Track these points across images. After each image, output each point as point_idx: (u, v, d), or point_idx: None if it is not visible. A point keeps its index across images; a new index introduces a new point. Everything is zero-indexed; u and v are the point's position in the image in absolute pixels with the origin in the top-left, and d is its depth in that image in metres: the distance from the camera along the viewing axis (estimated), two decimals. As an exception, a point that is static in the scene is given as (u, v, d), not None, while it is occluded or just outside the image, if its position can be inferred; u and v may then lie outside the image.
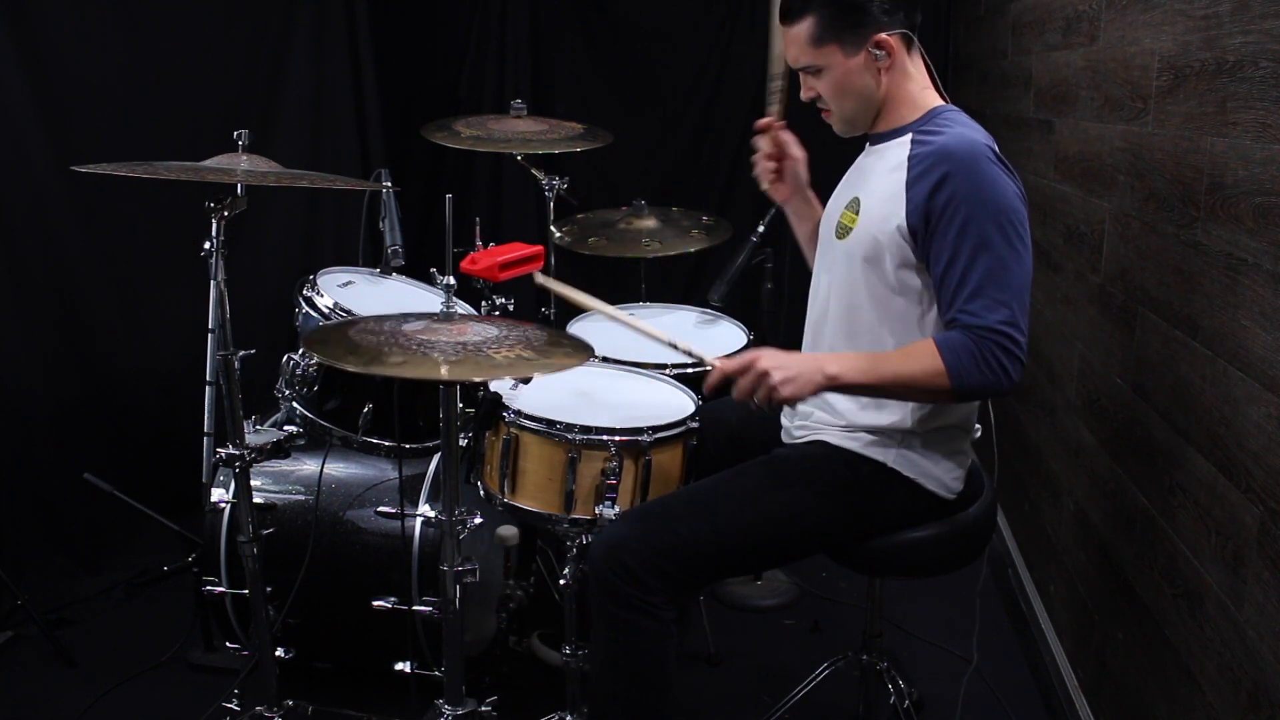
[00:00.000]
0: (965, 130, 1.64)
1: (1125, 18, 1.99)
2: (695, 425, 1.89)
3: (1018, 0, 2.95)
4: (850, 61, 1.68)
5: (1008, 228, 1.56)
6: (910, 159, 1.63)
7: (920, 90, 1.74)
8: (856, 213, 1.71)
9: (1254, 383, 1.38)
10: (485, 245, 2.24)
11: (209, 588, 2.18)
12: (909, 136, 1.68)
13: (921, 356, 1.57)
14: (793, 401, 1.62)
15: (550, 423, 1.81)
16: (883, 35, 1.66)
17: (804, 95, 1.76)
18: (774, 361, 1.58)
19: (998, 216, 1.56)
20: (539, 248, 2.24)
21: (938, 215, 1.58)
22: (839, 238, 1.75)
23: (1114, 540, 1.95)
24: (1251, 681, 1.36)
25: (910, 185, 1.61)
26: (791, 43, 1.71)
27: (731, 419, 2.00)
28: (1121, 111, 1.98)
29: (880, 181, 1.68)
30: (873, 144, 1.78)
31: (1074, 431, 2.26)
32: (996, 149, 1.63)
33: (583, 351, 1.69)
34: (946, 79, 3.96)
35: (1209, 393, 1.53)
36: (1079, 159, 2.29)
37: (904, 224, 1.61)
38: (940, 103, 1.74)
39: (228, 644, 2.30)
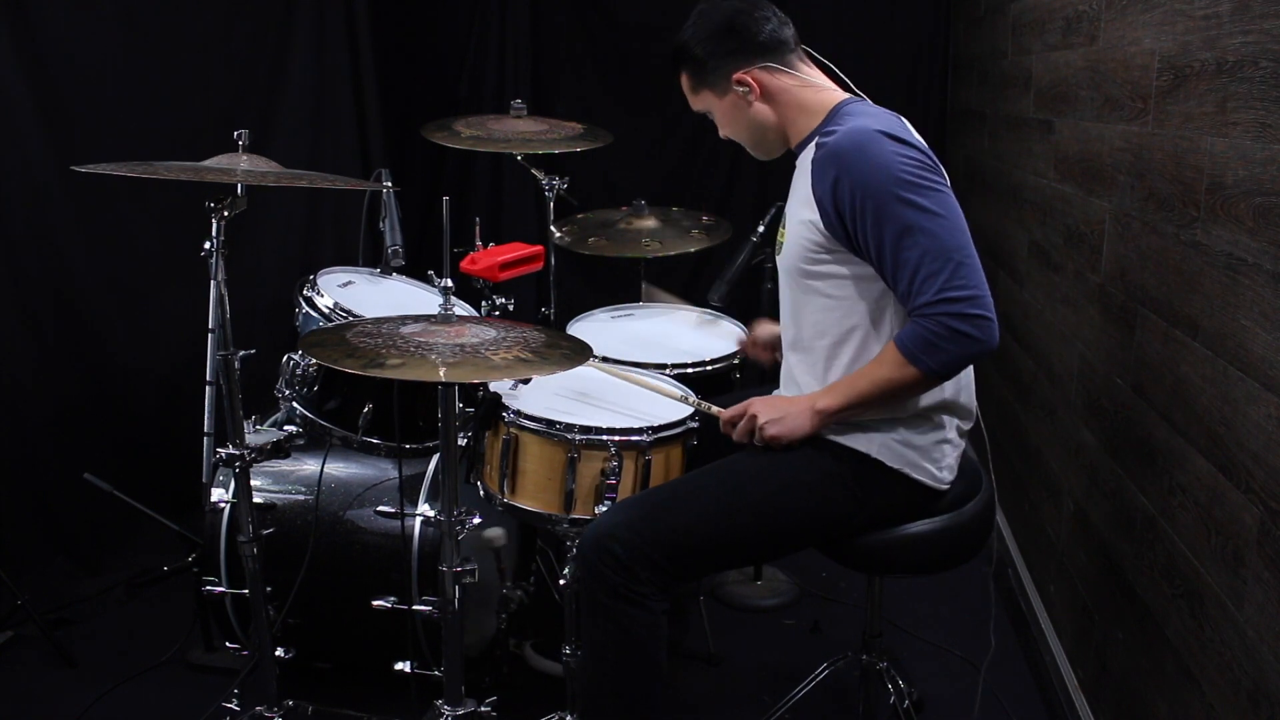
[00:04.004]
0: (856, 121, 1.66)
1: (1125, 18, 1.99)
2: (695, 425, 1.89)
3: (1018, 0, 2.95)
4: (724, 101, 1.82)
5: (911, 194, 1.58)
6: (812, 164, 1.68)
7: (817, 96, 1.78)
8: (784, 226, 1.78)
9: (1254, 383, 1.38)
10: (485, 245, 2.24)
11: (209, 588, 2.18)
12: (814, 142, 1.72)
13: (887, 359, 1.65)
14: (785, 439, 1.72)
15: (550, 423, 1.81)
16: (739, 74, 1.76)
17: (721, 134, 1.90)
18: (762, 407, 1.75)
19: (897, 189, 1.58)
20: (539, 248, 2.25)
21: (848, 215, 1.62)
22: (778, 253, 1.83)
23: (1114, 540, 1.95)
24: (1251, 681, 1.36)
25: (814, 192, 1.66)
26: (685, 93, 1.89)
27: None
28: (1121, 111, 1.98)
29: (796, 195, 1.74)
30: (795, 158, 1.83)
31: (1074, 431, 2.26)
32: (890, 128, 1.63)
33: (581, 353, 1.70)
34: (946, 79, 4.01)
35: (1209, 393, 1.53)
36: (1079, 159, 2.29)
37: (820, 226, 1.66)
38: (841, 98, 1.77)
39: (228, 644, 2.30)
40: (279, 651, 1.99)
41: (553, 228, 2.75)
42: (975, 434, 1.85)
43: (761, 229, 2.52)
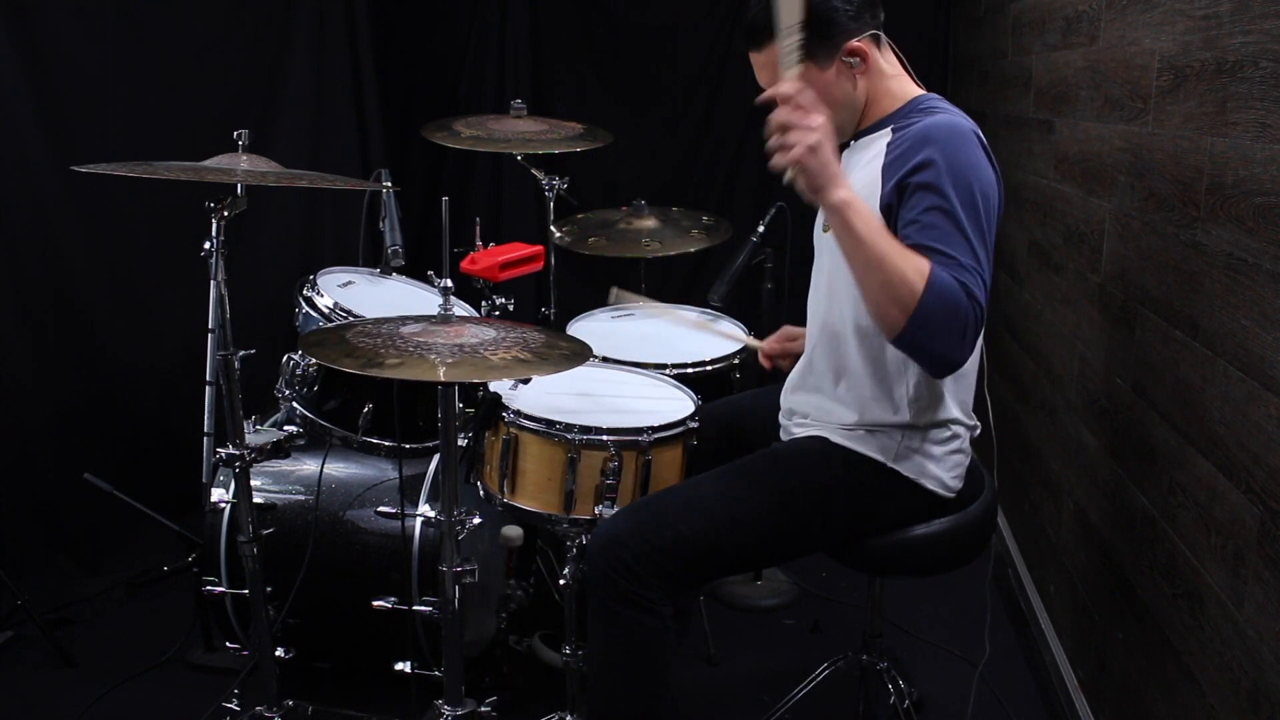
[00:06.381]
0: (949, 115, 1.62)
1: (1125, 18, 1.99)
2: (695, 425, 1.89)
3: (1018, 0, 2.95)
4: (826, 74, 1.66)
5: (975, 201, 1.52)
6: (889, 145, 1.62)
7: (900, 82, 1.72)
8: None
9: (1254, 383, 1.38)
10: (485, 245, 2.25)
11: (209, 588, 2.18)
12: (889, 128, 1.67)
13: (913, 268, 1.44)
14: (794, 167, 1.45)
15: (550, 423, 1.81)
16: (853, 42, 1.65)
17: None
18: (824, 140, 1.44)
19: (967, 192, 1.51)
20: (539, 248, 2.25)
21: (912, 188, 1.52)
22: (825, 231, 1.74)
23: (1114, 540, 1.95)
24: (1251, 681, 1.36)
25: (886, 168, 1.59)
26: (763, 68, 1.69)
27: (730, 417, 2.00)
28: (1121, 111, 1.98)
29: (860, 172, 1.66)
30: (855, 139, 1.76)
31: (1074, 431, 2.26)
32: (981, 135, 1.60)
33: (580, 354, 1.70)
34: (946, 79, 4.01)
35: (1209, 393, 1.53)
36: (1079, 159, 2.29)
37: (879, 207, 1.58)
38: (920, 92, 1.73)
39: (228, 644, 2.30)
40: (279, 651, 1.99)
41: (553, 228, 2.75)
42: (981, 436, 1.85)
43: (761, 229, 2.52)
